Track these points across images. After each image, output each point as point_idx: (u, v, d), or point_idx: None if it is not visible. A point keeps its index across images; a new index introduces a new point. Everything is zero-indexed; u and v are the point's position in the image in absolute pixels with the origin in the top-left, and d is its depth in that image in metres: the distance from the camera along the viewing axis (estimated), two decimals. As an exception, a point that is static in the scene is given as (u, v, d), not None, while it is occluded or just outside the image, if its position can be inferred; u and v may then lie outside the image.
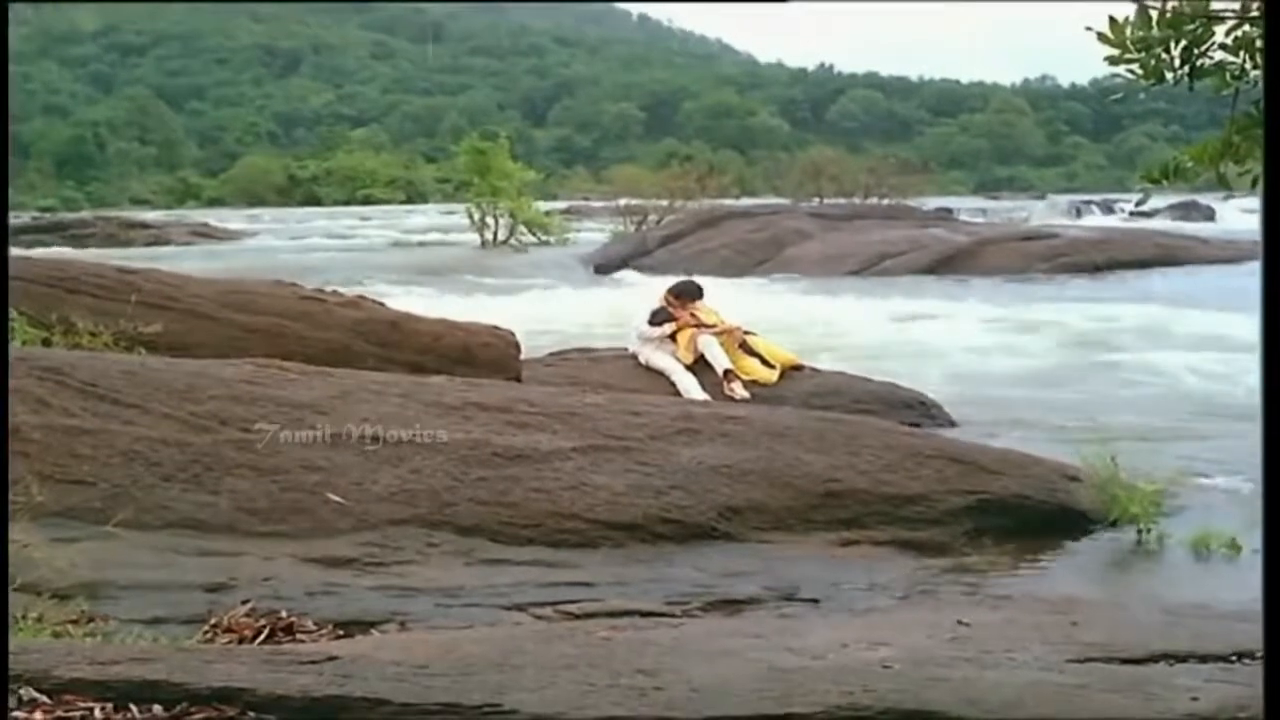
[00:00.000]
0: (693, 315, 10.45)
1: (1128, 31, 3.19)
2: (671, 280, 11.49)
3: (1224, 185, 3.47)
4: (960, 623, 4.29)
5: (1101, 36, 3.21)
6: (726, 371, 9.90)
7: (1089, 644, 3.79)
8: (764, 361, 10.23)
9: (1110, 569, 6.83)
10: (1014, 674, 3.46)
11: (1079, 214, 50.73)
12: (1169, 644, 3.81)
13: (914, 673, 3.40)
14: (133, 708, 2.88)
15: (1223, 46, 3.20)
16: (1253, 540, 6.63)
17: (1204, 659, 3.71)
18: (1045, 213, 50.82)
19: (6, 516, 2.75)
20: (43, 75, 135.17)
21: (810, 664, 3.54)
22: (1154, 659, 3.69)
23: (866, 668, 3.43)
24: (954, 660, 3.69)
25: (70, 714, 2.85)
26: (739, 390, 9.77)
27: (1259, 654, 3.70)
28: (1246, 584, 6.03)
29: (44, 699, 2.89)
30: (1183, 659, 3.72)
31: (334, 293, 9.46)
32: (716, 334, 10.24)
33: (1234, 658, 3.72)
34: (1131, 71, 3.24)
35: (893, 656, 3.60)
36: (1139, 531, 7.00)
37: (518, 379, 8.84)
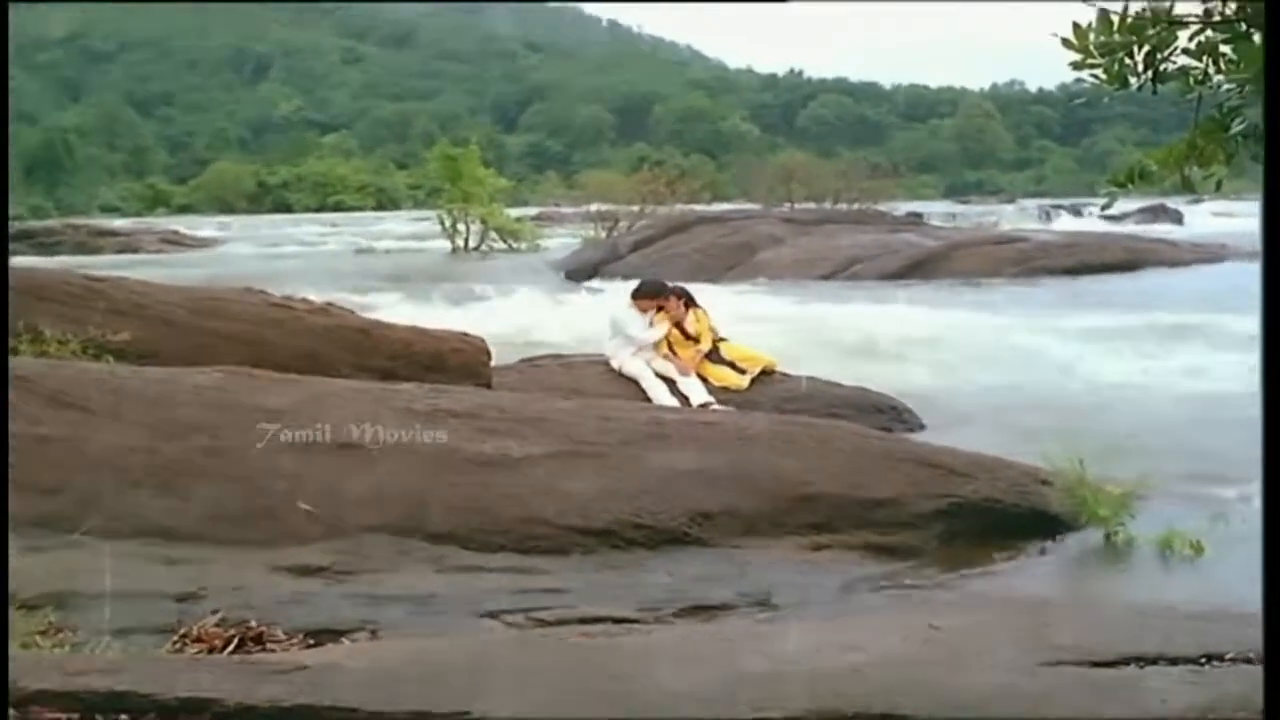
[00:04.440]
0: (676, 321, 10.43)
1: (1090, 37, 3.21)
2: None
3: (1189, 189, 3.49)
4: (932, 626, 4.30)
5: (1065, 42, 3.23)
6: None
7: (1059, 646, 3.81)
8: (735, 367, 10.25)
9: (1080, 571, 6.87)
10: (985, 676, 3.48)
11: (1048, 218, 51.04)
12: (1138, 646, 3.83)
13: (886, 676, 3.41)
14: (100, 719, 2.86)
15: (1185, 51, 3.23)
16: (1216, 541, 6.70)
17: (1173, 661, 3.73)
18: (1015, 217, 51.11)
19: (6, 518, 2.72)
20: (11, 81, 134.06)
21: (783, 669, 3.54)
22: (1124, 661, 3.70)
23: (838, 672, 3.44)
24: (926, 663, 3.71)
25: (37, 726, 2.83)
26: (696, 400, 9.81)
27: (1228, 655, 3.74)
28: (1212, 585, 6.09)
29: (12, 711, 2.87)
30: (1152, 661, 3.73)
31: (304, 300, 9.42)
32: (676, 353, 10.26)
33: (1203, 660, 3.74)
34: (1095, 76, 3.27)
35: (864, 660, 3.60)
36: (1107, 534, 7.03)
37: (488, 385, 8.82)
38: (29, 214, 69.99)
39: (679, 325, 10.44)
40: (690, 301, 10.63)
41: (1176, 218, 46.72)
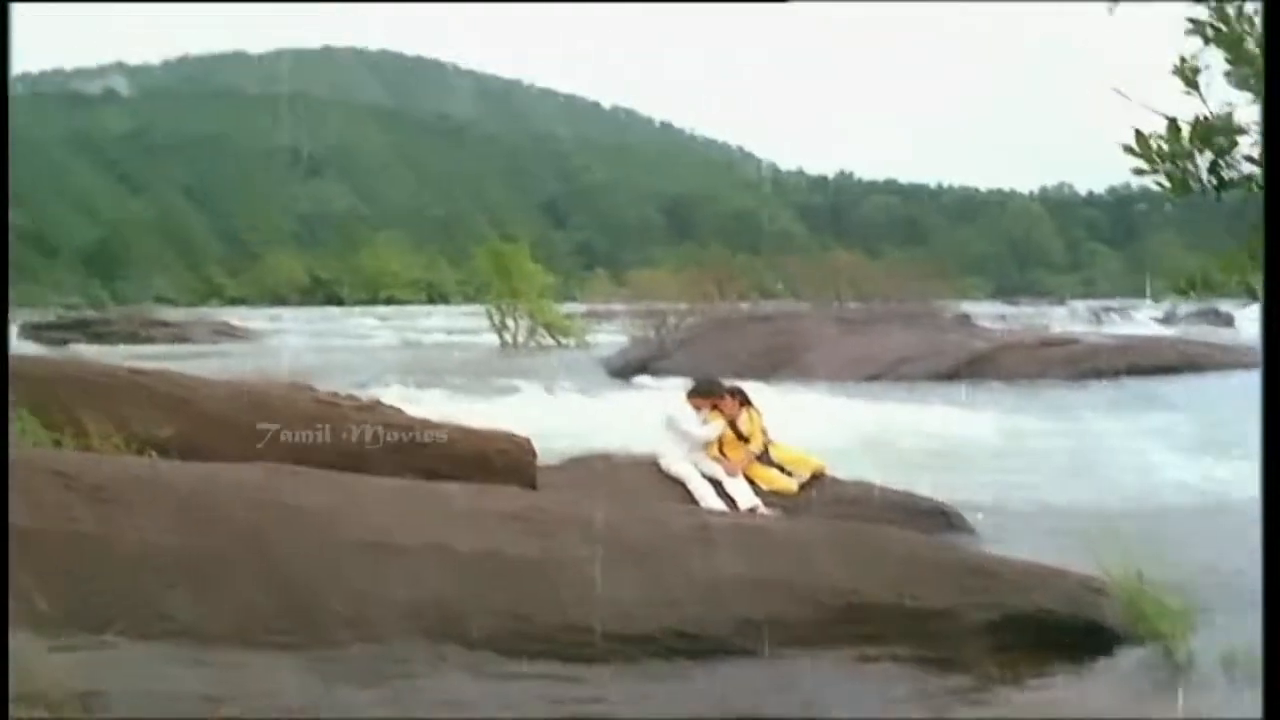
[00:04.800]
0: (731, 420, 10.34)
1: (1154, 144, 3.14)
2: (685, 382, 11.39)
3: (1252, 295, 3.39)
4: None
5: (1128, 149, 3.16)
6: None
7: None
8: (783, 470, 10.12)
9: (1138, 688, 6.63)
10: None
11: (1099, 320, 50.76)
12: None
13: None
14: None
15: (1248, 159, 3.15)
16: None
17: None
18: (1065, 318, 50.87)
19: (6, 523, 2.65)
20: (74, 175, 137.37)
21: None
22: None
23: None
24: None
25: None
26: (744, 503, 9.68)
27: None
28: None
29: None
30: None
31: (349, 396, 9.40)
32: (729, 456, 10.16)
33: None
34: (1159, 184, 3.19)
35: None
36: (1167, 649, 6.80)
37: (533, 485, 8.73)
38: (86, 303, 71.23)
39: (733, 424, 10.34)
40: (745, 401, 10.55)
41: (1228, 320, 46.31)
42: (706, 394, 10.53)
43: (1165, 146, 3.16)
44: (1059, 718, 5.83)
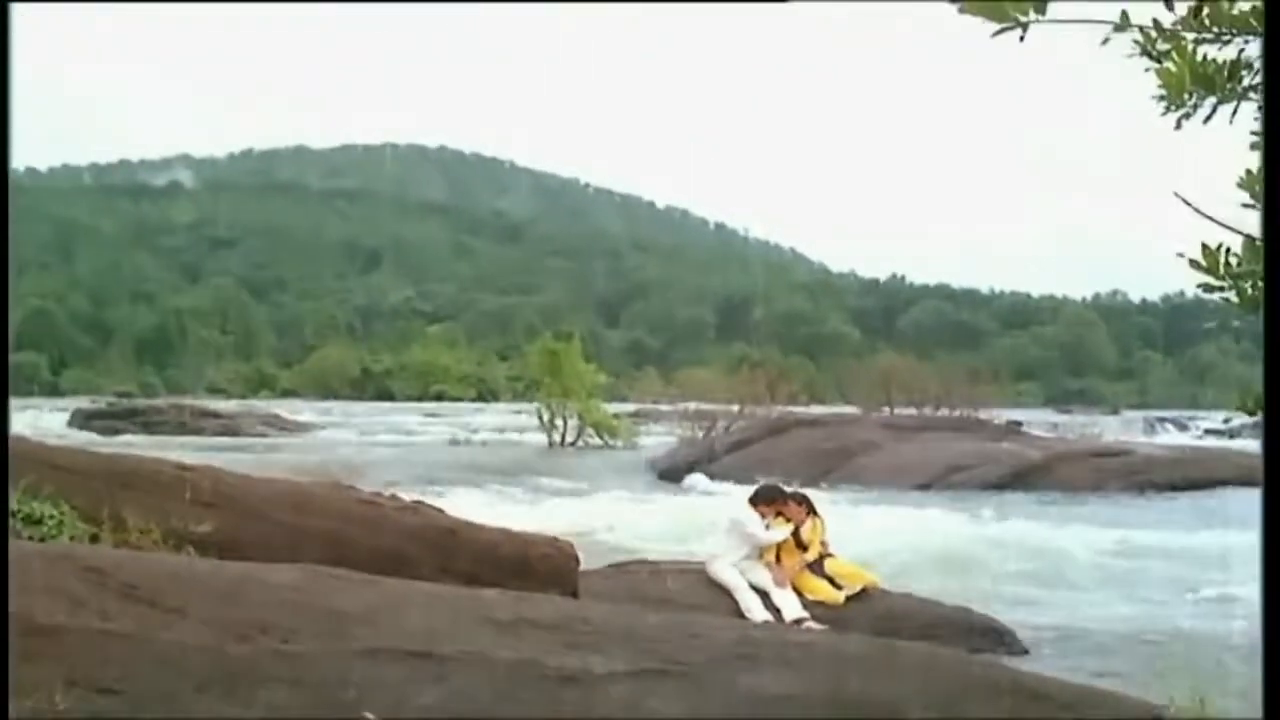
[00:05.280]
0: (795, 530, 10.19)
1: (1222, 258, 3.03)
2: (740, 488, 11.28)
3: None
4: None
5: (1194, 264, 3.05)
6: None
7: None
8: (833, 583, 9.92)
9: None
10: None
11: (1154, 430, 50.08)
12: None
13: None
14: None
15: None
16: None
17: None
18: (1118, 428, 50.22)
19: (6, 522, 2.56)
20: (134, 264, 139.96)
21: None
22: None
23: None
24: None
25: None
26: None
27: None
28: None
29: None
30: None
31: (393, 497, 9.33)
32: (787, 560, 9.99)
33: None
34: (1226, 299, 3.07)
35: None
36: (1233, 784, 6.50)
37: (575, 593, 8.58)
38: (139, 391, 72.05)
39: (795, 531, 10.19)
40: (812, 509, 10.41)
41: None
42: (770, 500, 10.39)
43: (1236, 264, 3.04)
44: None
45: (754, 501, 10.41)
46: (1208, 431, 46.13)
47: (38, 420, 40.74)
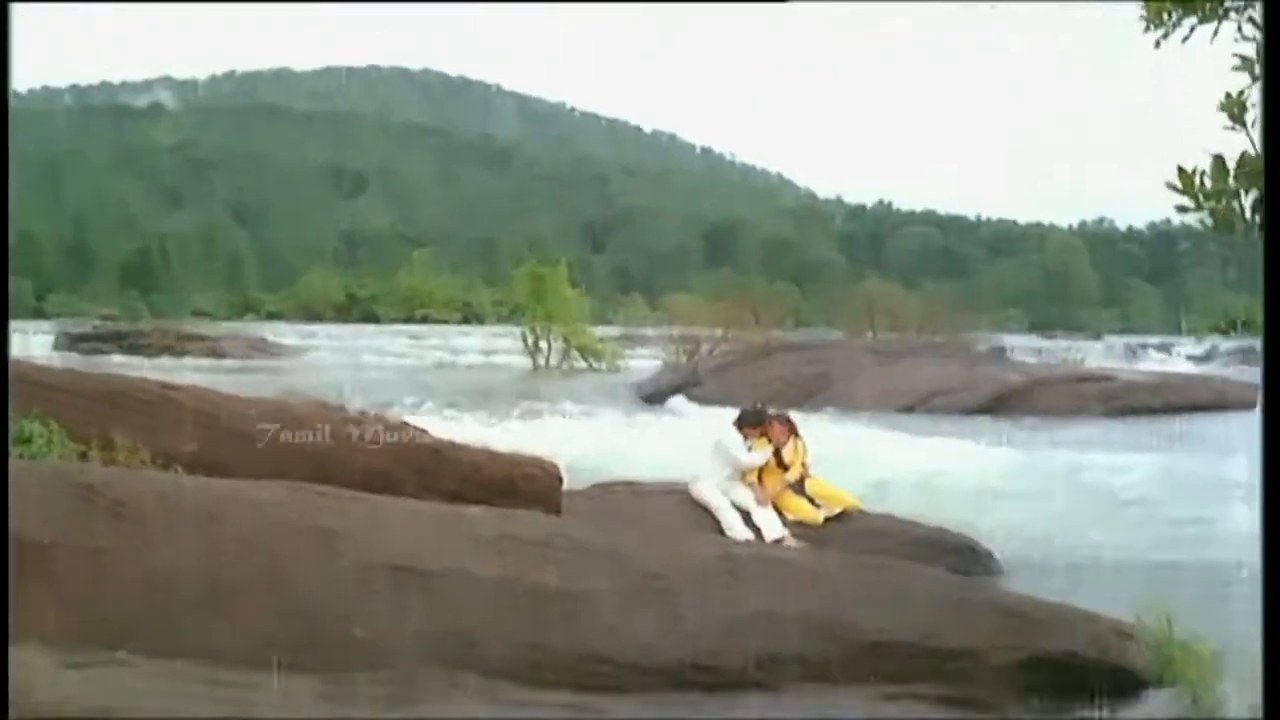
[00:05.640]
0: (776, 451, 10.30)
1: (1198, 181, 3.08)
2: (723, 410, 11.38)
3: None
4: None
5: (1171, 186, 3.10)
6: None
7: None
8: (813, 503, 10.05)
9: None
10: None
11: (1135, 356, 50.32)
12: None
13: None
14: None
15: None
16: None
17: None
18: (1101, 354, 50.44)
19: (6, 518, 2.64)
20: (116, 187, 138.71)
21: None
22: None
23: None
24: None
25: None
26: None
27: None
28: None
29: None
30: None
31: (377, 416, 9.40)
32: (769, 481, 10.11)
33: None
34: (1202, 222, 3.13)
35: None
36: (1194, 696, 6.66)
37: (558, 512, 8.69)
38: (123, 315, 71.74)
39: (777, 452, 10.30)
40: (794, 430, 10.53)
41: (1267, 360, 45.68)
42: (755, 422, 10.50)
43: (1209, 184, 3.10)
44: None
45: (739, 424, 10.52)
46: (1189, 358, 46.36)
47: (22, 344, 40.59)
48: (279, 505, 6.23)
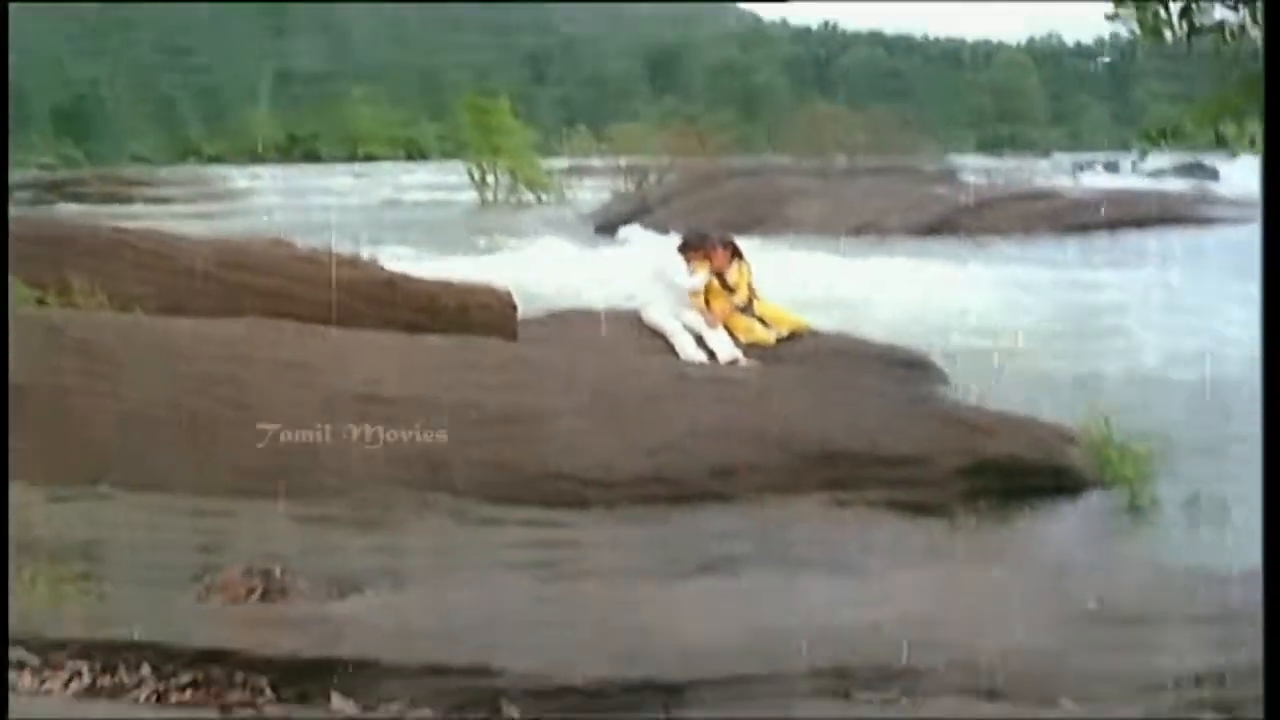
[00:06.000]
0: (720, 272, 10.38)
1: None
2: (674, 239, 11.41)
3: (1222, 145, 3.44)
4: (951, 584, 4.30)
5: (1097, -10, 3.18)
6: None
7: (1078, 604, 3.79)
8: (764, 324, 10.21)
9: (1102, 531, 6.84)
10: (1003, 635, 3.47)
11: (1082, 172, 50.51)
12: (1160, 605, 3.81)
13: (903, 633, 3.40)
14: (121, 668, 2.89)
15: (1222, 3, 3.18)
16: (1241, 502, 6.59)
17: (1194, 620, 3.71)
18: (1049, 172, 50.60)
19: (6, 508, 2.76)
20: (41, 34, 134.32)
21: (800, 625, 3.54)
22: (1144, 620, 3.69)
23: (857, 628, 3.44)
24: (944, 621, 3.70)
25: (58, 674, 2.87)
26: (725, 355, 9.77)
27: (1250, 615, 3.70)
28: (1236, 545, 6.04)
29: (33, 660, 2.90)
30: (1173, 620, 3.71)
31: (330, 252, 9.41)
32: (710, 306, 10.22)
33: (1225, 619, 3.72)
34: (1130, 30, 3.22)
35: (883, 617, 3.60)
36: (1131, 494, 6.98)
37: (514, 339, 8.81)
38: (60, 163, 70.15)
39: (720, 275, 10.40)
40: (737, 253, 10.62)
41: (1213, 174, 46.07)
42: (698, 246, 10.58)
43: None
44: (1024, 555, 6.04)
45: (681, 249, 10.60)
46: (1136, 174, 46.52)
47: (-44, 196, 39.75)
48: (242, 341, 6.35)
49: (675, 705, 2.84)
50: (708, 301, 10.33)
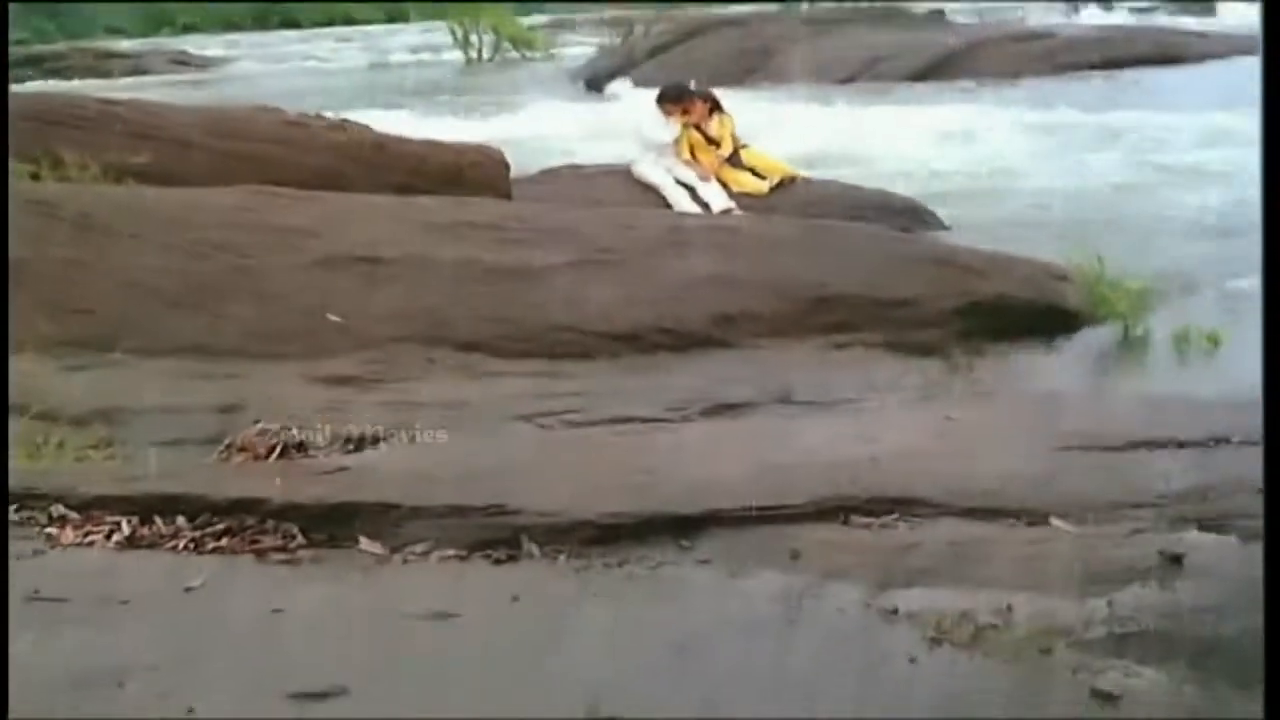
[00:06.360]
0: (699, 125, 10.34)
1: None
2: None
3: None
4: (947, 418, 4.42)
5: None
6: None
7: (1071, 434, 3.91)
8: (756, 174, 10.21)
9: (1096, 365, 6.96)
10: (997, 463, 3.60)
11: (1075, 11, 49.64)
12: (1148, 432, 3.92)
13: (900, 464, 3.53)
14: (158, 520, 3.02)
15: None
16: (1232, 332, 6.69)
17: (1182, 445, 3.82)
18: (1041, 11, 49.72)
19: (6, 496, 2.86)
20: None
21: (801, 460, 3.67)
22: (1133, 446, 3.80)
23: (856, 461, 3.56)
24: (940, 453, 3.83)
25: (98, 528, 3.00)
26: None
27: (1234, 439, 3.83)
28: (1226, 375, 6.17)
29: (73, 514, 3.03)
30: (1161, 445, 3.82)
31: (318, 116, 9.37)
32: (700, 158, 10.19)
33: (1211, 443, 3.83)
34: None
35: (881, 451, 3.73)
36: (1124, 329, 7.09)
37: (508, 197, 8.84)
38: (34, 37, 68.77)
39: (700, 129, 10.36)
40: (716, 105, 10.56)
41: (1209, 9, 45.30)
42: (675, 99, 10.51)
43: None
44: (1018, 390, 6.17)
45: (659, 101, 10.55)
46: (1130, 10, 45.76)
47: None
48: (240, 208, 6.40)
49: (686, 535, 2.97)
50: (693, 155, 10.31)
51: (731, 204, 9.80)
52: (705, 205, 9.84)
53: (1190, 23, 36.45)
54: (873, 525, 3.09)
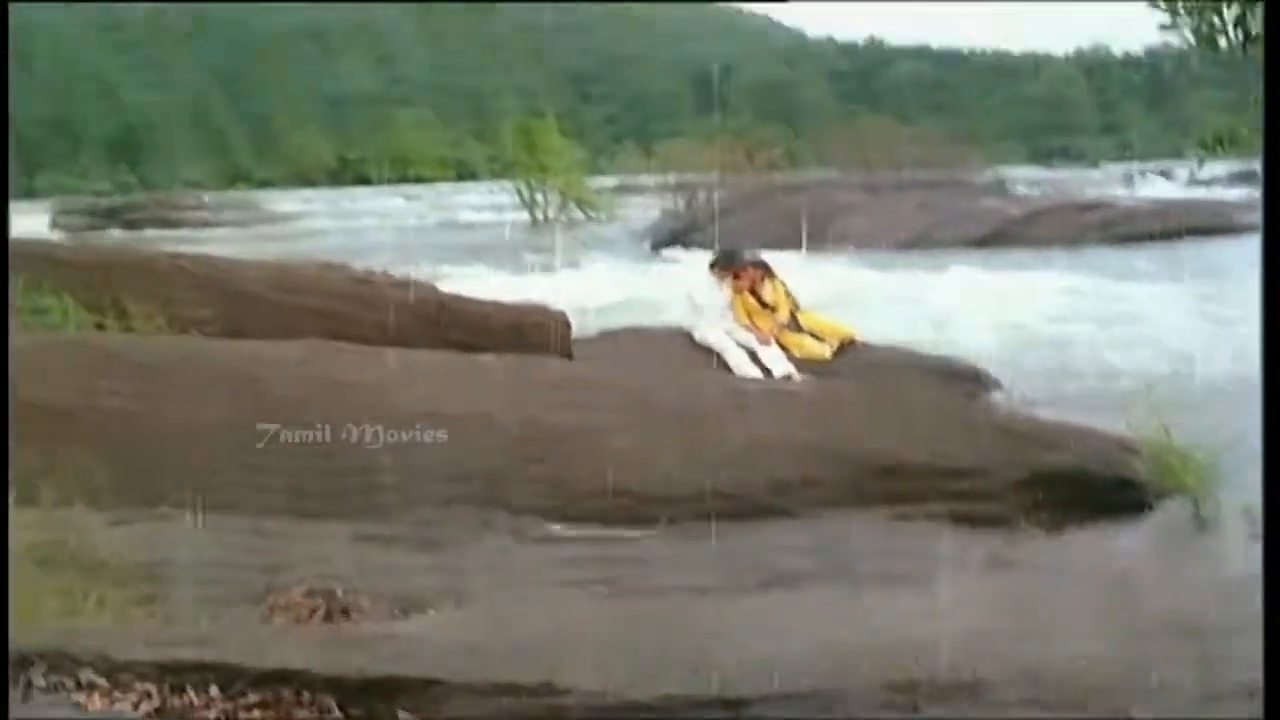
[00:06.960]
0: (753, 290, 10.38)
1: (1180, -1, 3.13)
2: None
3: (1278, 153, 3.38)
4: (1015, 597, 4.25)
5: (1153, 2, 3.16)
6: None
7: (1146, 617, 3.73)
8: (815, 338, 10.17)
9: (1167, 540, 6.74)
10: (1070, 648, 3.42)
11: (1133, 183, 49.99)
12: (1226, 616, 3.74)
13: (969, 645, 3.36)
14: (189, 690, 2.90)
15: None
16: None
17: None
18: (1100, 182, 50.10)
19: (7, 506, 2.79)
20: (93, 61, 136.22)
21: (865, 640, 3.51)
22: (1211, 631, 3.62)
23: (921, 641, 3.40)
24: (1010, 634, 3.65)
25: (127, 695, 2.88)
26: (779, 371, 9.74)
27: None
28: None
29: (101, 682, 2.92)
30: (1240, 631, 3.63)
31: (384, 274, 9.48)
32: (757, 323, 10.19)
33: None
34: (1185, 38, 3.20)
35: (947, 630, 3.56)
36: (1194, 502, 6.88)
37: (569, 357, 8.82)
38: (115, 189, 71.04)
39: (754, 293, 10.38)
40: (768, 272, 10.60)
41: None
42: (726, 265, 10.61)
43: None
44: (1089, 568, 5.96)
45: (711, 267, 10.64)
46: (1190, 183, 46.06)
47: (19, 223, 40.33)
48: (301, 362, 6.39)
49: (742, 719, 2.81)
50: (750, 320, 10.31)
51: (792, 369, 9.74)
52: (766, 370, 9.79)
53: (1250, 195, 36.53)
54: (942, 714, 2.92)
